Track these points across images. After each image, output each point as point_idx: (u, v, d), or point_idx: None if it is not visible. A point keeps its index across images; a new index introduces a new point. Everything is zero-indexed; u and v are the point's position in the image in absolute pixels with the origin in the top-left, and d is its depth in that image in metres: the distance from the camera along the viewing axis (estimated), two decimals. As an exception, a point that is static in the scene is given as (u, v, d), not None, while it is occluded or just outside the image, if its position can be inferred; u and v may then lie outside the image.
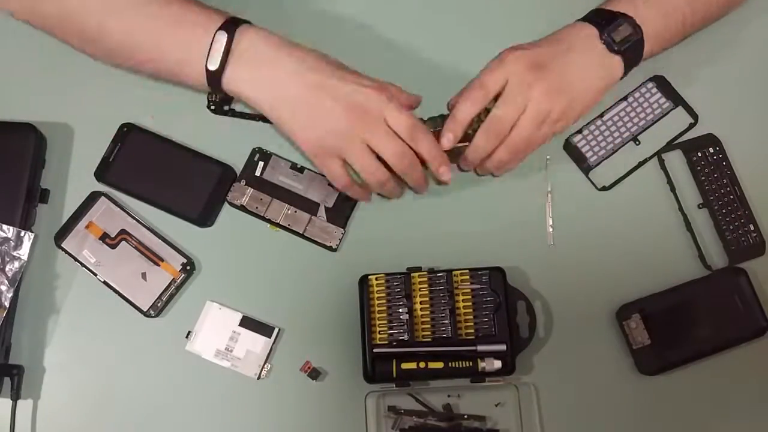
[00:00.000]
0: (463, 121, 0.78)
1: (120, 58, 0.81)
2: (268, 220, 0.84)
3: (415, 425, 0.80)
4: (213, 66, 0.76)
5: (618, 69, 0.80)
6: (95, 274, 0.83)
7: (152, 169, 0.85)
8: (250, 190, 0.84)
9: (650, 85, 0.87)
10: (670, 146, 0.86)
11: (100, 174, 0.85)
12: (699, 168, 0.85)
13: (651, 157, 0.86)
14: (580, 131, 0.86)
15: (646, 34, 0.80)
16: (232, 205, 0.84)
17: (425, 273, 0.81)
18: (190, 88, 0.83)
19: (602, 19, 0.80)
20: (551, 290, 0.83)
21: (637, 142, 0.86)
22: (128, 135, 0.86)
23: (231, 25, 0.76)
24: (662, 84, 0.87)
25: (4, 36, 0.88)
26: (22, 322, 0.82)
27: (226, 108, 0.87)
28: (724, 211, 0.84)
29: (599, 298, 0.83)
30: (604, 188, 0.85)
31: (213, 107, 0.86)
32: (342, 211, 0.84)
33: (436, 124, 0.79)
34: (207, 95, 0.86)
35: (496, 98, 0.77)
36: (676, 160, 0.86)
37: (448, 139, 0.78)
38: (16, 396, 0.80)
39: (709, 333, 0.80)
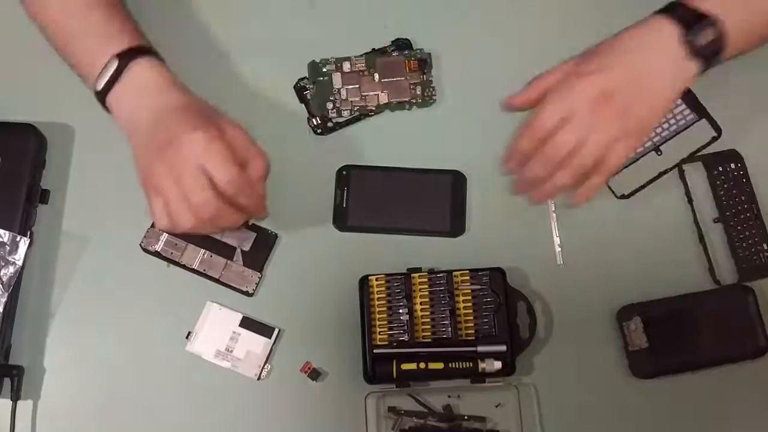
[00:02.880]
0: (522, 154, 0.78)
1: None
2: (182, 265, 0.83)
3: (415, 426, 0.80)
4: (99, 87, 0.77)
5: (691, 74, 0.75)
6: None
7: (385, 200, 0.85)
8: (164, 235, 0.83)
9: None
10: (692, 158, 0.85)
11: (341, 224, 0.85)
12: (719, 183, 0.84)
13: (672, 168, 0.85)
14: None
15: (731, 38, 0.74)
16: (146, 251, 0.83)
17: (425, 273, 0.81)
18: None
19: (687, 17, 0.74)
20: (552, 291, 0.83)
21: (659, 153, 0.85)
22: (350, 176, 0.85)
23: (127, 55, 0.76)
24: (687, 95, 0.86)
25: (5, 36, 0.88)
26: (22, 322, 0.82)
27: (330, 125, 0.86)
28: (739, 227, 0.83)
29: (601, 299, 0.83)
30: (623, 196, 0.85)
31: (319, 130, 0.86)
32: (258, 255, 0.84)
33: None
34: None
35: None
36: (696, 173, 0.85)
37: (509, 168, 0.81)
38: (16, 396, 0.80)
39: (707, 345, 0.80)
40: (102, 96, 0.77)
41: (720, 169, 0.84)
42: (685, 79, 0.76)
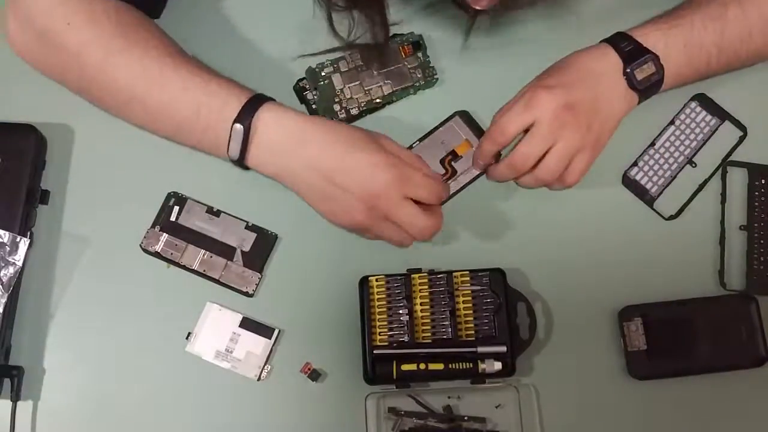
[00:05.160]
0: (487, 156, 0.82)
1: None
2: (182, 266, 0.83)
3: (415, 427, 0.80)
4: (234, 156, 0.78)
5: (634, 101, 0.81)
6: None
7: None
8: (164, 236, 0.83)
9: (693, 104, 0.86)
10: (738, 163, 0.85)
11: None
12: (757, 193, 0.84)
13: (710, 177, 0.85)
14: (635, 163, 0.85)
15: (667, 74, 0.79)
16: (146, 251, 0.83)
17: (425, 274, 0.81)
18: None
19: (628, 51, 0.79)
20: (552, 291, 0.83)
21: (694, 165, 0.85)
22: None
23: (247, 112, 0.76)
24: (705, 101, 0.86)
25: (4, 36, 0.88)
26: (22, 323, 0.82)
27: None
28: (762, 241, 0.83)
29: (601, 300, 0.83)
30: (671, 217, 0.85)
31: None
32: (258, 255, 0.83)
33: None
34: None
35: None
36: (738, 177, 0.85)
37: (478, 166, 0.84)
38: (16, 397, 0.80)
39: (706, 352, 0.80)
40: (240, 161, 0.78)
41: (763, 181, 0.84)
42: (629, 107, 0.81)
